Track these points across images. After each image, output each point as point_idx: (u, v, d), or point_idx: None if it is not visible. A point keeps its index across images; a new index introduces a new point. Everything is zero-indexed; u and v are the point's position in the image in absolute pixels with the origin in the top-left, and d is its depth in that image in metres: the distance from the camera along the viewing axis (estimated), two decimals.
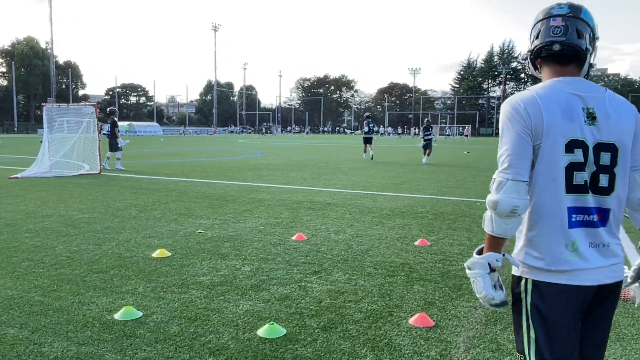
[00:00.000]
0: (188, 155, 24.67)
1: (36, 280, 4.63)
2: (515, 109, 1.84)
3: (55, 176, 13.23)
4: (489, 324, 3.74)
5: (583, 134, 1.80)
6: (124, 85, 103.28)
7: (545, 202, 1.81)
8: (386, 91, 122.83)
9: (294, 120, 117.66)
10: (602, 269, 1.83)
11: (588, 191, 1.82)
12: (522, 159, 1.80)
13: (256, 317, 3.82)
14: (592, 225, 1.83)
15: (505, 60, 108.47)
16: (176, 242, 6.17)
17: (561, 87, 1.85)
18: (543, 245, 1.82)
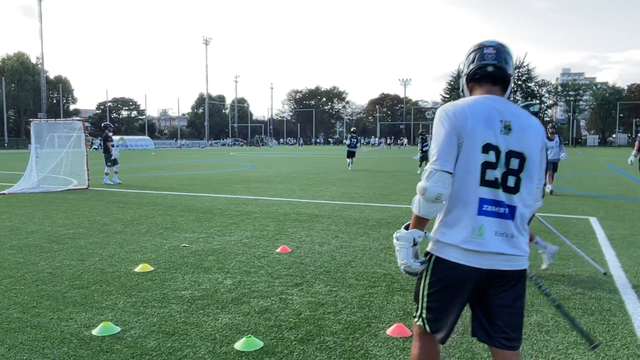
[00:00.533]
0: (178, 168, 24.64)
1: (16, 297, 4.61)
2: (447, 113, 2.21)
3: (42, 192, 13.18)
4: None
5: (497, 140, 2.17)
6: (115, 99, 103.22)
7: (462, 191, 2.18)
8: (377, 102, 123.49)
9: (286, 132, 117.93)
10: (500, 255, 2.15)
11: (499, 187, 2.17)
12: (449, 154, 2.17)
13: (235, 330, 3.83)
14: (502, 216, 2.17)
15: None
16: (160, 256, 6.17)
17: (486, 102, 2.24)
18: (455, 226, 2.18)
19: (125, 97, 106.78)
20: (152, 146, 75.84)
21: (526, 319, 4.07)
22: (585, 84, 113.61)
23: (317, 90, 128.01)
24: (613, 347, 3.54)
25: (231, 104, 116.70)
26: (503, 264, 2.16)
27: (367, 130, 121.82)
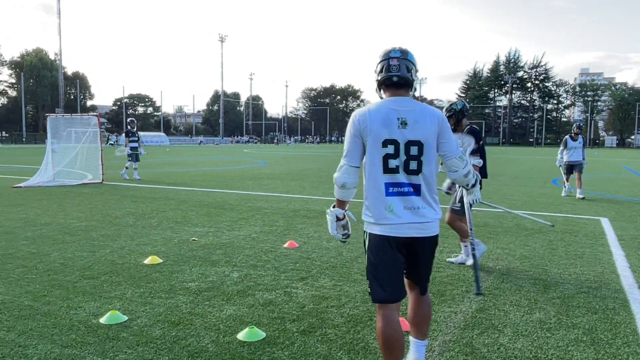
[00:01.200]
0: (192, 165, 24.85)
1: (28, 286, 4.73)
2: (352, 119, 2.78)
3: (58, 185, 13.41)
4: (466, 329, 3.80)
5: (394, 135, 2.70)
6: (131, 95, 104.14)
7: (371, 180, 2.75)
8: None
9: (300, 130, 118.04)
10: (411, 224, 2.72)
11: (399, 172, 2.72)
12: (354, 152, 2.77)
13: (238, 321, 3.90)
14: (405, 194, 2.73)
15: (512, 70, 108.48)
16: (169, 249, 6.27)
17: (387, 105, 2.77)
18: (372, 208, 2.76)
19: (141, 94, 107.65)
20: (167, 142, 76.47)
21: (528, 316, 4.08)
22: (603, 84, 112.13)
23: (331, 89, 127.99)
24: (614, 345, 3.55)
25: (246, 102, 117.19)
26: (416, 231, 2.73)
27: None
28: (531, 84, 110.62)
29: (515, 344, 3.54)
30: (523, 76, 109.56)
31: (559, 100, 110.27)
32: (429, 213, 2.77)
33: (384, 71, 2.81)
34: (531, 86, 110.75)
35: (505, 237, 7.28)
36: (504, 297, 4.56)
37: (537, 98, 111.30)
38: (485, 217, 8.98)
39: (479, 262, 5.40)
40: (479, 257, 5.40)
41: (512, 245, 6.75)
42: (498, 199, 11.64)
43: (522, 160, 33.61)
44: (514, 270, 5.47)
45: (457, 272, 5.35)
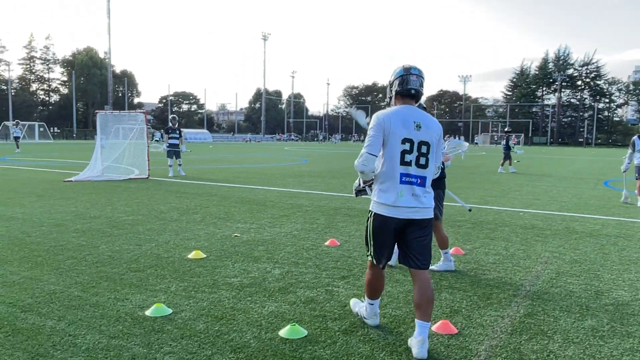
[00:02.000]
0: (234, 161, 25.19)
1: (77, 277, 4.88)
2: (378, 118, 3.41)
3: (106, 180, 13.84)
4: (514, 334, 3.67)
5: (411, 135, 3.36)
6: (176, 93, 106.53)
7: (389, 169, 3.38)
8: (435, 99, 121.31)
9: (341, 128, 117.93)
10: (411, 209, 3.36)
11: (412, 166, 3.37)
12: (376, 145, 3.35)
13: (280, 318, 3.89)
14: (413, 184, 3.37)
15: (561, 67, 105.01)
16: (212, 244, 6.35)
17: (404, 110, 3.44)
18: (387, 192, 3.38)
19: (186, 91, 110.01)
20: (210, 139, 77.82)
21: (579, 322, 3.92)
22: None
23: (373, 86, 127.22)
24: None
25: (287, 99, 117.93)
26: (414, 214, 3.37)
27: None
28: (581, 82, 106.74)
29: (565, 351, 3.39)
30: (573, 74, 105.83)
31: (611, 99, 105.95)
32: (427, 201, 3.42)
33: (405, 84, 3.47)
34: (581, 84, 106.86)
35: (555, 240, 7.04)
36: (554, 302, 4.39)
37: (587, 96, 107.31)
38: (532, 219, 8.71)
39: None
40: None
41: (562, 248, 6.51)
42: (547, 201, 11.27)
43: (571, 160, 32.51)
44: (564, 275, 5.27)
45: (503, 275, 5.20)
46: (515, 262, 5.78)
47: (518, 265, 5.62)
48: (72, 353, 3.24)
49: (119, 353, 3.24)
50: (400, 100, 3.50)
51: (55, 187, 12.18)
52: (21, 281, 4.72)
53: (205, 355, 3.24)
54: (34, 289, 4.49)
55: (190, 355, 3.23)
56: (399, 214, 3.33)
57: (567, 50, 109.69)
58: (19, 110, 76.14)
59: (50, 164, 20.81)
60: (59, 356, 3.19)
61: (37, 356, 3.19)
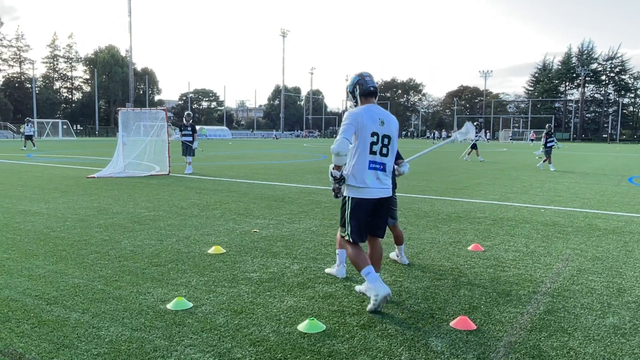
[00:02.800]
0: (253, 158, 25.33)
1: (101, 271, 4.98)
2: (351, 115, 4.04)
3: (127, 176, 14.04)
4: (533, 331, 3.65)
5: (377, 129, 4.07)
6: (196, 90, 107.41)
7: (360, 157, 4.05)
8: (455, 94, 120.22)
9: None
10: (378, 189, 4.11)
11: (377, 154, 4.09)
12: (350, 132, 3.98)
13: (299, 312, 3.93)
14: (377, 169, 4.10)
15: (585, 62, 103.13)
16: (232, 240, 6.42)
17: (370, 108, 4.13)
18: (357, 176, 4.06)
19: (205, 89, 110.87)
20: (230, 136, 78.34)
21: (600, 320, 3.88)
22: None
23: (392, 82, 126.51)
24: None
25: (306, 96, 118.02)
26: (379, 194, 4.11)
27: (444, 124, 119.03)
28: (606, 77, 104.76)
29: (586, 348, 3.37)
30: (597, 68, 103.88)
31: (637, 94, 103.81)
32: (388, 182, 4.17)
33: (364, 85, 4.18)
34: (606, 79, 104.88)
35: (576, 237, 6.95)
36: (574, 299, 4.35)
37: (612, 92, 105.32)
38: (554, 216, 8.61)
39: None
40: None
41: (584, 245, 6.43)
42: (569, 197, 11.12)
43: (595, 157, 31.96)
44: (586, 272, 5.21)
45: (522, 272, 5.16)
46: (536, 259, 5.73)
47: (538, 262, 5.57)
48: (96, 344, 3.32)
49: (141, 345, 3.31)
50: (364, 100, 4.19)
51: (78, 184, 12.40)
52: (46, 274, 4.84)
53: (225, 348, 3.29)
54: (59, 282, 4.60)
55: (211, 348, 3.28)
56: (369, 194, 4.05)
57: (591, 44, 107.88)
58: (42, 108, 77.61)
59: (73, 161, 21.19)
60: (84, 347, 3.27)
61: (62, 347, 3.28)
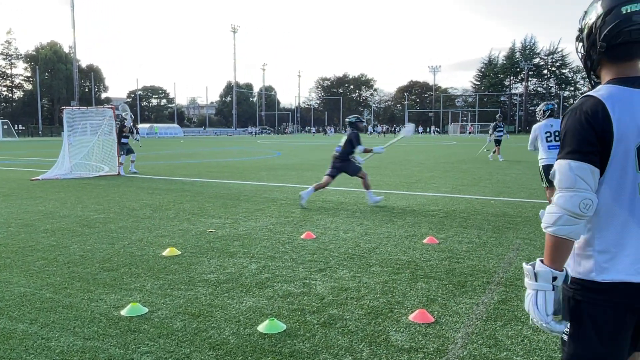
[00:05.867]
0: (206, 156, 24.94)
1: (49, 278, 4.77)
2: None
3: (75, 177, 13.54)
4: (489, 320, 3.75)
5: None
6: (145, 87, 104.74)
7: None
8: (406, 89, 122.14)
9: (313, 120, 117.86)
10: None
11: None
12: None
13: (258, 313, 3.88)
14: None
15: (527, 57, 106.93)
16: (187, 241, 6.28)
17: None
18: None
19: (154, 86, 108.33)
20: (181, 134, 76.83)
21: None
22: None
23: (344, 78, 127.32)
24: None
25: (259, 92, 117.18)
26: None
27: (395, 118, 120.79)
28: (547, 71, 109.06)
29: (539, 335, 3.48)
30: (539, 63, 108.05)
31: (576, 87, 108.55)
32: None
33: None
34: (547, 73, 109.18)
35: (525, 227, 7.19)
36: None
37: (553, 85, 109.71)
38: (503, 207, 8.88)
39: None
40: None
41: (533, 235, 6.65)
42: (516, 188, 11.50)
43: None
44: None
45: (476, 263, 5.29)
46: (488, 249, 5.89)
47: (491, 253, 5.72)
48: (46, 356, 3.17)
49: (94, 355, 3.19)
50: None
51: (21, 187, 11.85)
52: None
53: (184, 353, 3.21)
54: (4, 292, 4.37)
55: (168, 354, 3.19)
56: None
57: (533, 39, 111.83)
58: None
59: (15, 163, 20.24)
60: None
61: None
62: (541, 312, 1.73)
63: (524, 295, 4.13)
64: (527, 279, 1.81)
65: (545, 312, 1.72)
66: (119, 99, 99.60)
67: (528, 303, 1.77)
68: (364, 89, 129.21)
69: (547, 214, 1.75)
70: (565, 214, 1.68)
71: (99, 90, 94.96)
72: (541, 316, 1.72)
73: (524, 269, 1.82)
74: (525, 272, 1.81)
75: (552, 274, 1.72)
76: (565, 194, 1.69)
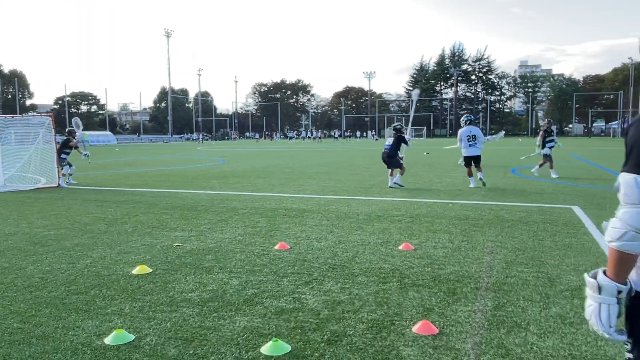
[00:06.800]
0: (148, 164, 24.01)
1: (11, 305, 4.32)
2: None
3: (10, 191, 12.58)
4: (492, 328, 3.72)
5: None
6: (74, 94, 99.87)
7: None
8: (342, 95, 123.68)
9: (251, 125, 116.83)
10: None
11: None
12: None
13: (256, 333, 3.67)
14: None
15: (456, 63, 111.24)
16: (155, 256, 5.92)
17: None
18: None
19: (84, 92, 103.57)
20: (115, 142, 73.84)
21: (546, 311, 4.06)
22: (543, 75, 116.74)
23: (282, 84, 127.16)
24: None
25: (195, 98, 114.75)
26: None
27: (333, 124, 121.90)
28: (475, 77, 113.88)
29: (545, 342, 3.49)
30: (467, 69, 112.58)
31: (502, 92, 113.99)
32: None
33: None
34: (475, 79, 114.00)
35: (490, 229, 7.33)
36: (515, 292, 4.53)
37: (481, 90, 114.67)
38: (462, 210, 9.04)
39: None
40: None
41: (501, 237, 6.79)
42: (468, 191, 11.77)
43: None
44: (513, 264, 5.47)
45: (458, 269, 5.30)
46: (464, 253, 5.93)
47: (468, 257, 5.76)
48: None
49: None
50: None
51: None
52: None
53: None
54: None
55: None
56: None
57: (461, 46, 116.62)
58: None
59: None
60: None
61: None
62: (604, 324, 1.73)
63: (515, 299, 4.10)
64: (589, 290, 1.78)
65: (609, 324, 1.72)
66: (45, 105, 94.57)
67: (590, 314, 1.76)
68: (301, 95, 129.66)
69: (611, 229, 1.71)
70: (630, 230, 1.64)
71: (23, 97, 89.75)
72: (604, 328, 1.73)
73: (586, 281, 1.78)
74: (588, 284, 1.78)
75: (617, 288, 1.71)
76: (630, 210, 1.65)
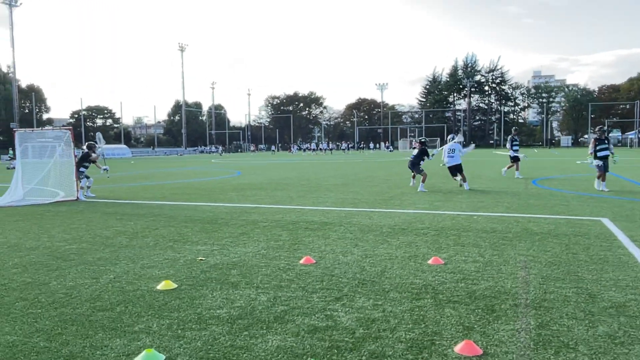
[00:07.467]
0: (164, 177, 24.04)
1: (36, 323, 4.22)
2: None
3: (30, 204, 12.59)
4: (539, 349, 3.53)
5: None
6: (89, 107, 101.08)
7: None
8: (355, 107, 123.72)
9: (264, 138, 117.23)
10: None
11: None
12: None
13: (290, 354, 3.51)
14: None
15: (469, 74, 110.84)
16: (178, 271, 5.81)
17: None
18: None
19: (99, 106, 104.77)
20: (130, 155, 74.39)
21: (593, 330, 3.86)
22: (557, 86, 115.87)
23: (295, 96, 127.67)
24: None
25: (208, 111, 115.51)
26: None
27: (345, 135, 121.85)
28: (488, 87, 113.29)
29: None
30: (480, 80, 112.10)
31: (516, 102, 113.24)
32: None
33: None
34: (488, 89, 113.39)
35: (520, 242, 7.11)
36: (557, 309, 4.32)
37: (494, 101, 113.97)
38: (488, 223, 8.82)
39: None
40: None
41: (532, 251, 6.57)
42: (491, 203, 11.53)
43: (489, 162, 34.02)
44: (550, 279, 5.26)
45: (493, 285, 5.10)
46: (497, 268, 5.73)
47: (501, 272, 5.56)
48: None
49: None
50: None
51: None
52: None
53: None
54: None
55: None
56: None
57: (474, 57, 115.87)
58: None
59: None
60: None
61: None
62: None
63: (558, 317, 3.86)
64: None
65: None
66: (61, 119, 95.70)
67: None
68: (314, 107, 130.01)
69: None
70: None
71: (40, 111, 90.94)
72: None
73: None
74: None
75: None
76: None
